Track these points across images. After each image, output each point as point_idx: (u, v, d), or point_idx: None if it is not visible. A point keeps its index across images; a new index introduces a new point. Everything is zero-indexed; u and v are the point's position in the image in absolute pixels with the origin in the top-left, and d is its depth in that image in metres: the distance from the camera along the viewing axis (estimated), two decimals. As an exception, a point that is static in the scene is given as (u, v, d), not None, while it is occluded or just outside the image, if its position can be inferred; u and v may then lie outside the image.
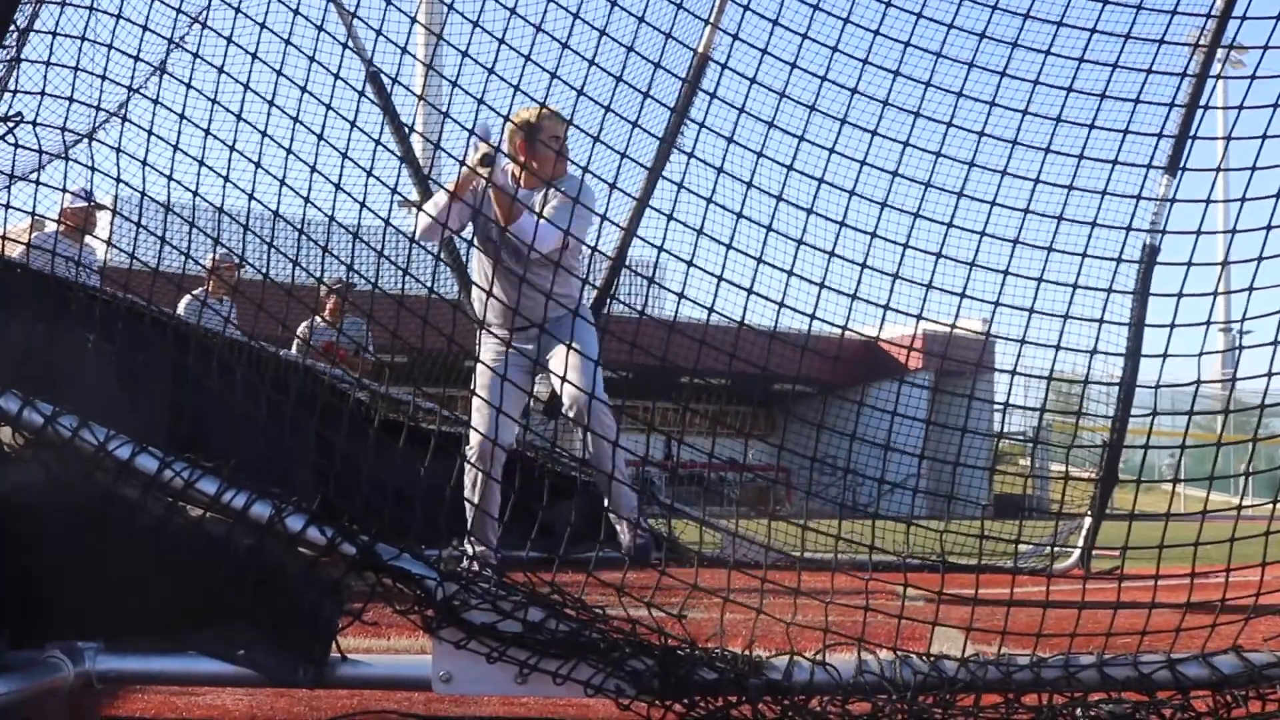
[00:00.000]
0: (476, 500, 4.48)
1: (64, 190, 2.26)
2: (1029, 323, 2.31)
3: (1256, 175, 2.19)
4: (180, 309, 6.47)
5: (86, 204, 5.86)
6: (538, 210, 4.55)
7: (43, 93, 2.14)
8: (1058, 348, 2.30)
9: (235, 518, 1.99)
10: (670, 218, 2.32)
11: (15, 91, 2.15)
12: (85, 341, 2.16)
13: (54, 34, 2.21)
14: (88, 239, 6.34)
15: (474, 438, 4.68)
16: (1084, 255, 2.31)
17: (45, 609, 2.03)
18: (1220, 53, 5.90)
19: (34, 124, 2.09)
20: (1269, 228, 2.15)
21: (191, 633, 2.03)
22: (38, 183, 2.23)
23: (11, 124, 2.08)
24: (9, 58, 2.17)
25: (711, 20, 6.34)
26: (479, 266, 4.87)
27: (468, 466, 4.51)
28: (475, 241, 4.89)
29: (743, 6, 2.41)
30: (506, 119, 4.26)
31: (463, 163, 4.32)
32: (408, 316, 2.30)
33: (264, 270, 2.28)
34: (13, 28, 2.15)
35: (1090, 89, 2.35)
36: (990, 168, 2.32)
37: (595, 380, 4.54)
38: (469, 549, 4.38)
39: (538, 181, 4.70)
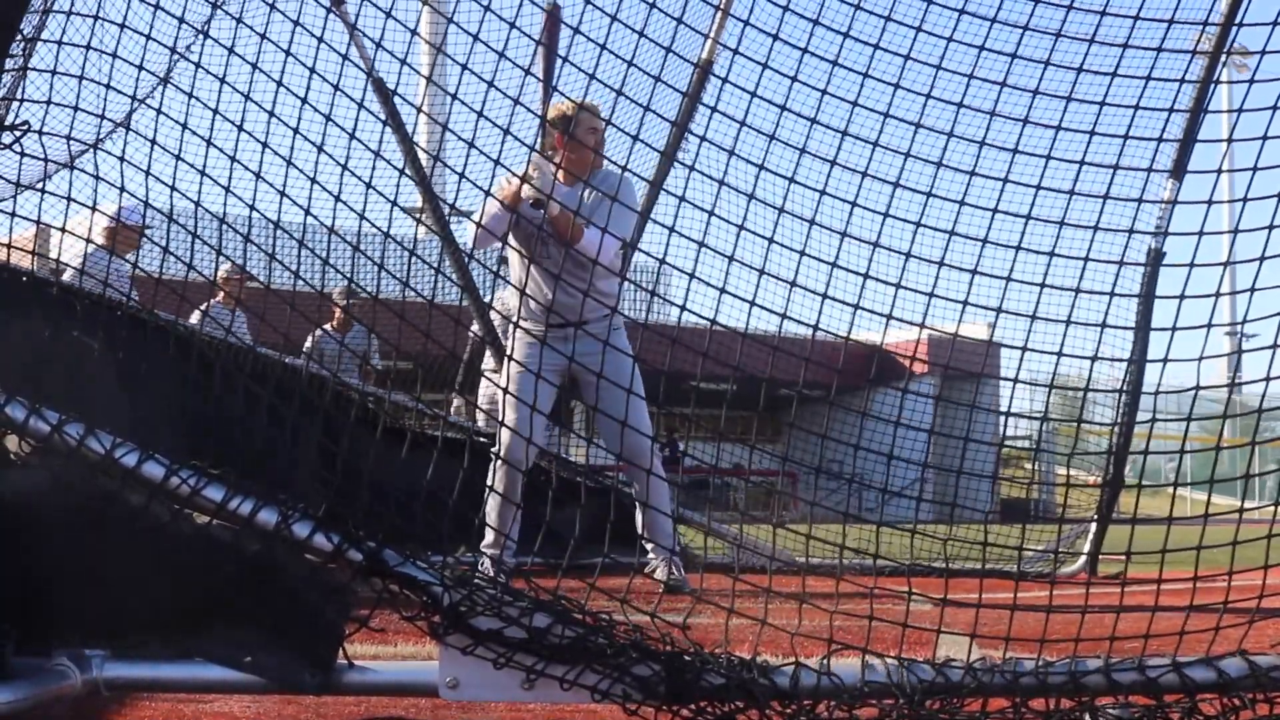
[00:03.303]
0: (498, 502, 4.41)
1: (117, 217, 2.26)
2: (1031, 327, 2.31)
3: (1258, 176, 2.19)
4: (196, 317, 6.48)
5: (137, 224, 5.85)
6: (582, 208, 4.53)
7: (74, 106, 2.15)
8: (1059, 354, 2.30)
9: (242, 524, 1.99)
10: (672, 230, 2.33)
11: (22, 100, 2.17)
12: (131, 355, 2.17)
13: (59, 43, 2.22)
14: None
15: (504, 439, 4.55)
16: (1087, 258, 2.31)
17: (52, 613, 2.04)
18: (1223, 58, 5.90)
19: (68, 136, 2.10)
20: (1271, 227, 2.15)
21: (197, 637, 2.03)
22: (42, 191, 2.24)
23: (20, 132, 2.09)
24: (16, 67, 2.19)
25: (712, 35, 6.36)
26: (516, 263, 4.79)
27: (493, 467, 4.44)
28: (512, 239, 4.82)
29: (743, 22, 2.43)
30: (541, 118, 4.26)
31: (522, 178, 4.32)
32: (421, 322, 2.31)
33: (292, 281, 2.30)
34: (19, 37, 2.16)
35: (1091, 95, 2.36)
36: (993, 176, 2.33)
37: (646, 419, 4.59)
38: (486, 555, 4.39)
39: (576, 177, 4.67)
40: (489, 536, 4.54)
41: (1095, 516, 7.01)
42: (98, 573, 2.03)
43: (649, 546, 4.88)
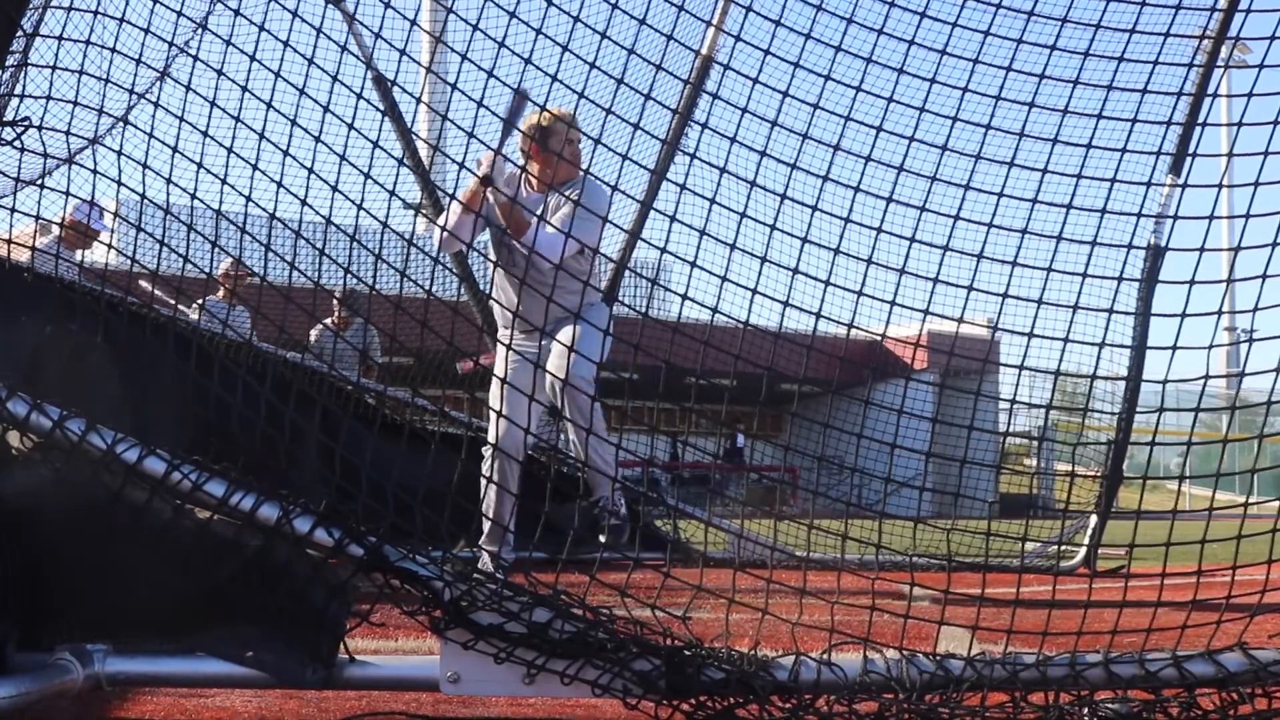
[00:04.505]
0: (491, 500, 4.48)
1: (73, 195, 2.26)
2: (1034, 324, 2.31)
3: (1262, 171, 2.18)
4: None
5: (85, 218, 5.87)
6: (547, 215, 4.55)
7: (73, 101, 2.14)
8: (1065, 340, 2.30)
9: (244, 519, 1.99)
10: (673, 219, 2.32)
11: (23, 96, 2.16)
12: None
13: (60, 39, 2.22)
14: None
15: (497, 430, 4.67)
16: (1092, 244, 2.31)
17: (54, 610, 2.04)
18: (1226, 44, 5.90)
19: (67, 130, 2.10)
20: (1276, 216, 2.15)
21: (199, 633, 2.03)
22: (42, 186, 2.23)
23: (20, 128, 2.09)
24: (15, 63, 2.18)
25: (715, 22, 6.34)
26: (491, 272, 4.88)
27: (484, 466, 4.53)
28: (488, 248, 4.90)
29: (744, 8, 2.42)
30: (496, 133, 4.26)
31: (475, 172, 4.34)
32: (421, 319, 2.31)
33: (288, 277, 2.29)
34: (19, 33, 2.16)
35: (1098, 69, 2.36)
36: (998, 159, 2.33)
37: (584, 354, 4.44)
38: (484, 550, 4.41)
39: (548, 186, 4.70)
40: (487, 531, 4.56)
41: (1093, 511, 7.01)
42: (100, 570, 2.03)
43: (591, 482, 4.76)
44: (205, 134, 2.21)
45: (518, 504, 4.55)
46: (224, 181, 2.20)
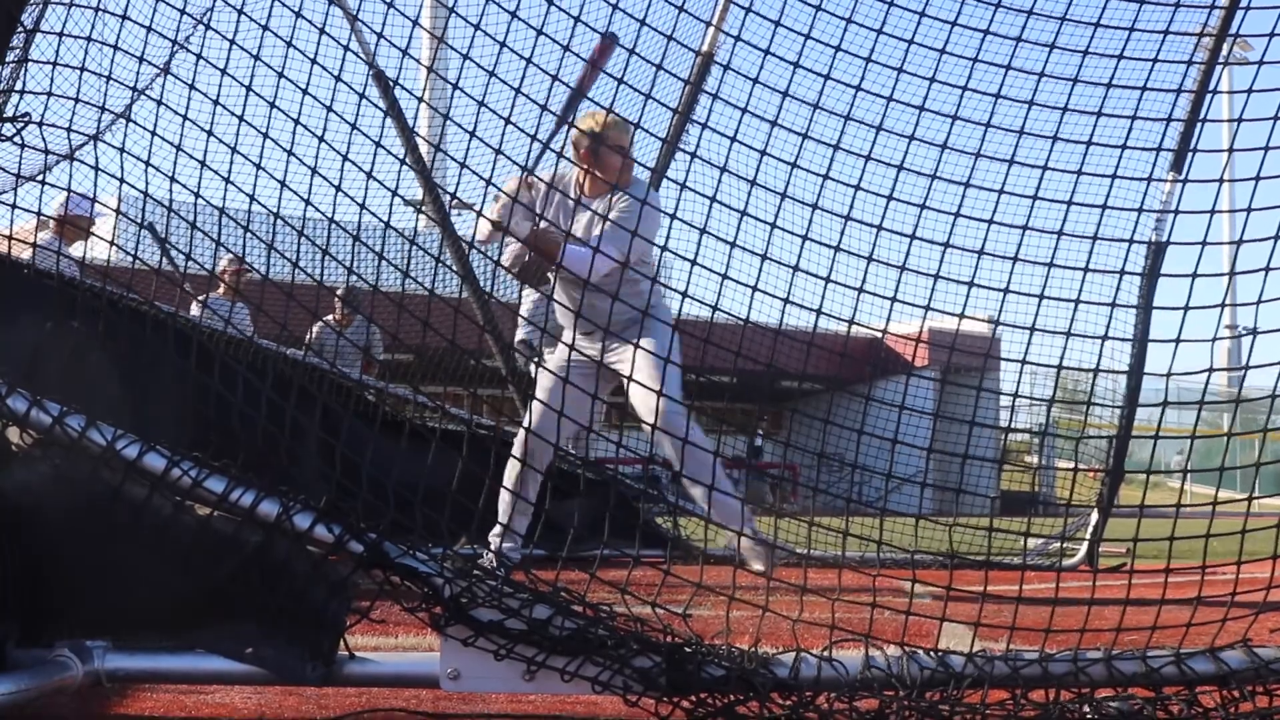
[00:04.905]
0: (510, 498, 4.44)
1: (64, 190, 2.26)
2: (1035, 319, 2.31)
3: (1265, 166, 2.18)
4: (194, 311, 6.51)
5: (86, 213, 5.88)
6: (595, 221, 4.50)
7: (74, 98, 2.14)
8: (1067, 334, 2.30)
9: (244, 516, 1.99)
10: (674, 217, 2.32)
11: (23, 92, 2.16)
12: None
13: (60, 34, 2.22)
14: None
15: (522, 433, 4.65)
16: (1093, 239, 2.31)
17: (54, 608, 2.04)
18: (1227, 40, 5.89)
19: (69, 127, 2.10)
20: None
21: (199, 630, 2.03)
22: (43, 183, 2.23)
23: (20, 124, 2.09)
24: (15, 59, 2.18)
25: (714, 22, 6.34)
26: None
27: (510, 461, 4.49)
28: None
29: (744, 8, 2.42)
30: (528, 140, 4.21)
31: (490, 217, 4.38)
32: (423, 317, 2.30)
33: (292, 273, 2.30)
34: (20, 28, 2.16)
35: (1099, 67, 2.35)
36: (998, 157, 2.32)
37: (666, 377, 4.30)
38: (492, 545, 4.40)
39: (602, 190, 4.67)
40: (496, 529, 4.56)
41: (1094, 507, 7.01)
42: (100, 568, 2.03)
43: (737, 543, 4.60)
44: (209, 133, 2.21)
45: (533, 508, 4.54)
46: (228, 180, 2.20)
